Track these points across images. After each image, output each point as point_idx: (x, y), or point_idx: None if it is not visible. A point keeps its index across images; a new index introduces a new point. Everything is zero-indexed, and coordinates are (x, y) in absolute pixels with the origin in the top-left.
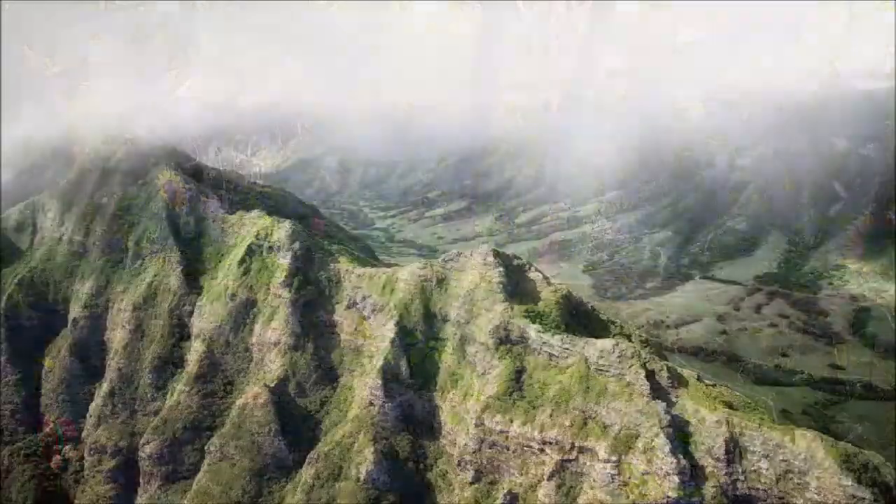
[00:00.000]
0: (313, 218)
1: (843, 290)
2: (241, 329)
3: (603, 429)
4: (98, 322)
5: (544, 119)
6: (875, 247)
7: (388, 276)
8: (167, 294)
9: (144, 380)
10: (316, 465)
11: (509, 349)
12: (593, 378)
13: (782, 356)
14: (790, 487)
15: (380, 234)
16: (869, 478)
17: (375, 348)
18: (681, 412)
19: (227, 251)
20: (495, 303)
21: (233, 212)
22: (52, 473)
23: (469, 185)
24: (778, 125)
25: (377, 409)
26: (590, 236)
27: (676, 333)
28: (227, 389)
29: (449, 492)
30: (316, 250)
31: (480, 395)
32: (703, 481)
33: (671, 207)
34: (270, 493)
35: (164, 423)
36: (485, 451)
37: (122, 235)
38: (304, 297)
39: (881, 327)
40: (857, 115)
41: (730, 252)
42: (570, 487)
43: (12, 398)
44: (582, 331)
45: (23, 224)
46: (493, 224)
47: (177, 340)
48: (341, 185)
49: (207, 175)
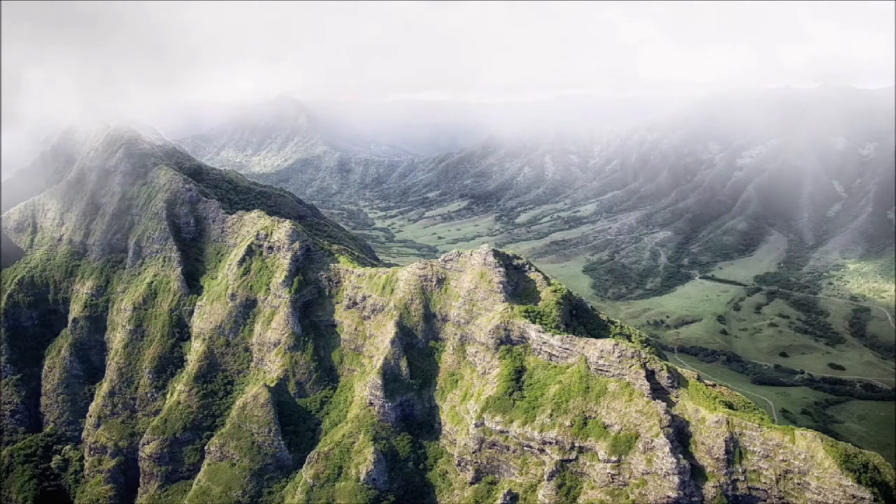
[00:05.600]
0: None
1: (843, 290)
2: (241, 329)
3: (603, 429)
4: (98, 322)
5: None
6: (875, 247)
7: (388, 276)
8: (167, 294)
9: (144, 380)
10: (316, 465)
11: (509, 349)
12: (593, 378)
13: (782, 356)
14: (790, 487)
15: (380, 234)
16: (869, 478)
17: (375, 348)
18: (681, 412)
19: (227, 251)
20: (495, 303)
21: (233, 212)
22: (52, 473)
23: (469, 185)
24: (778, 125)
25: (377, 409)
26: (590, 236)
27: (676, 333)
28: (227, 389)
29: (449, 492)
30: (316, 250)
31: (480, 395)
32: (703, 481)
33: (671, 207)
34: (270, 493)
35: (164, 423)
36: (485, 451)
37: (122, 235)
38: (304, 297)
39: (881, 327)
40: (857, 115)
41: (730, 252)
42: (570, 487)
43: (12, 398)
44: (582, 331)
45: (23, 224)
46: (493, 224)
47: (177, 340)
48: (341, 185)
49: (207, 175)
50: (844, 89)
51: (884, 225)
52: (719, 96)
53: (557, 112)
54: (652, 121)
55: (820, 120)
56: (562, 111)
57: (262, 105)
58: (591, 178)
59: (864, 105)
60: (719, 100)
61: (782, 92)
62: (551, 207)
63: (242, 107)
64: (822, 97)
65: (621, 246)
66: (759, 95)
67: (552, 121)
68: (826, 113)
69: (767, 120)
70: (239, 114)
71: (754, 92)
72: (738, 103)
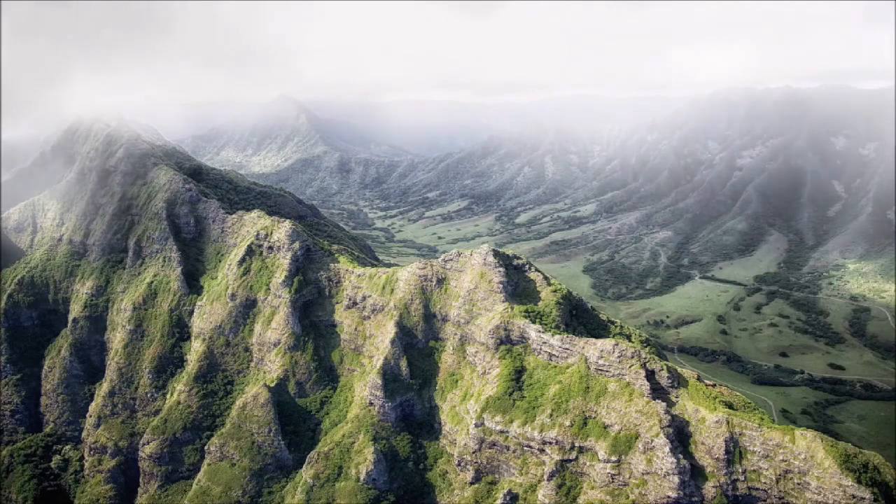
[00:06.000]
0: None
1: (843, 290)
2: (241, 329)
3: (603, 429)
4: (98, 322)
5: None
6: (875, 247)
7: (388, 276)
8: (167, 294)
9: (144, 380)
10: (316, 465)
11: (509, 349)
12: (593, 378)
13: (782, 356)
14: (790, 487)
15: (380, 234)
16: (869, 478)
17: (375, 348)
18: (681, 412)
19: (227, 251)
20: (495, 303)
21: (233, 212)
22: (52, 473)
23: (469, 186)
24: (778, 125)
25: (377, 409)
26: (590, 236)
27: (676, 333)
28: (227, 389)
29: (449, 492)
30: (316, 250)
31: (480, 395)
32: (703, 481)
33: (671, 207)
34: (270, 493)
35: (164, 423)
36: (485, 451)
37: (122, 235)
38: (304, 297)
39: (881, 327)
40: (857, 115)
41: (730, 252)
42: (570, 487)
43: (12, 398)
44: (582, 331)
45: (23, 224)
46: (493, 224)
47: (177, 340)
48: (341, 185)
49: (207, 175)
50: (844, 89)
51: (884, 225)
52: (719, 96)
53: (557, 112)
54: (652, 121)
55: (820, 120)
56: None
57: (262, 105)
58: (591, 178)
59: (864, 105)
60: (719, 100)
61: (782, 92)
62: (551, 207)
63: (242, 107)
64: (822, 97)
65: (621, 246)
66: (759, 95)
67: (552, 121)
68: (826, 113)
69: (767, 120)
70: (239, 114)
71: (754, 92)
72: (738, 103)
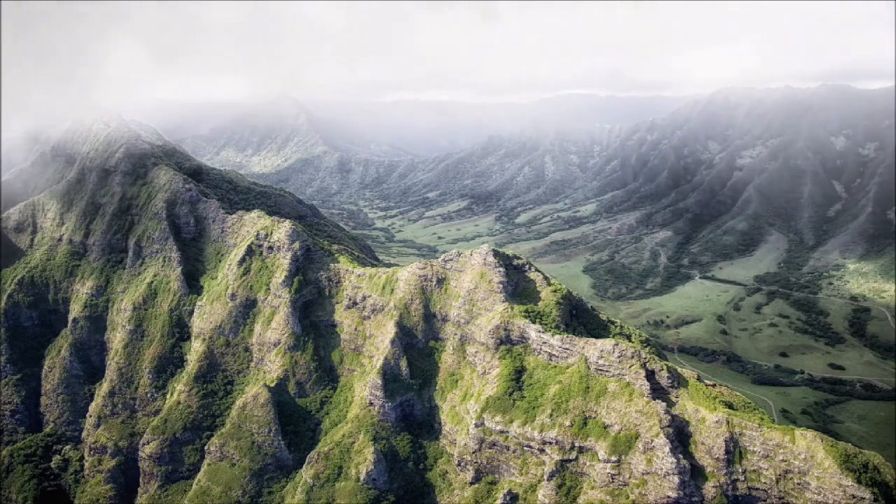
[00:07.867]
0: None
1: (843, 290)
2: (241, 329)
3: (603, 429)
4: (98, 322)
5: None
6: (875, 247)
7: (388, 276)
8: (167, 294)
9: (144, 380)
10: (316, 465)
11: (509, 349)
12: (593, 378)
13: (782, 356)
14: (790, 487)
15: (380, 234)
16: (869, 478)
17: (375, 348)
18: (681, 412)
19: (227, 251)
20: (495, 303)
21: (233, 212)
22: (52, 473)
23: (469, 185)
24: (778, 125)
25: (377, 409)
26: (590, 236)
27: (676, 333)
28: (227, 389)
29: (449, 492)
30: (316, 250)
31: (480, 395)
32: (703, 481)
33: (671, 207)
34: (270, 493)
35: (164, 423)
36: (485, 451)
37: (122, 235)
38: (304, 297)
39: (881, 327)
40: (857, 115)
41: (730, 252)
42: (570, 487)
43: (12, 398)
44: (582, 331)
45: (23, 224)
46: (493, 224)
47: (177, 340)
48: (341, 185)
49: (207, 175)
50: (844, 89)
51: (884, 225)
52: (719, 96)
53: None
54: (652, 121)
55: (820, 120)
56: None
57: (262, 105)
58: (591, 178)
59: (864, 105)
60: (719, 100)
61: (782, 92)
62: (551, 207)
63: (242, 107)
64: (822, 97)
65: (621, 246)
66: (759, 95)
67: (552, 121)
68: (826, 113)
69: (767, 120)
70: (239, 114)
71: (754, 92)
72: (738, 103)
